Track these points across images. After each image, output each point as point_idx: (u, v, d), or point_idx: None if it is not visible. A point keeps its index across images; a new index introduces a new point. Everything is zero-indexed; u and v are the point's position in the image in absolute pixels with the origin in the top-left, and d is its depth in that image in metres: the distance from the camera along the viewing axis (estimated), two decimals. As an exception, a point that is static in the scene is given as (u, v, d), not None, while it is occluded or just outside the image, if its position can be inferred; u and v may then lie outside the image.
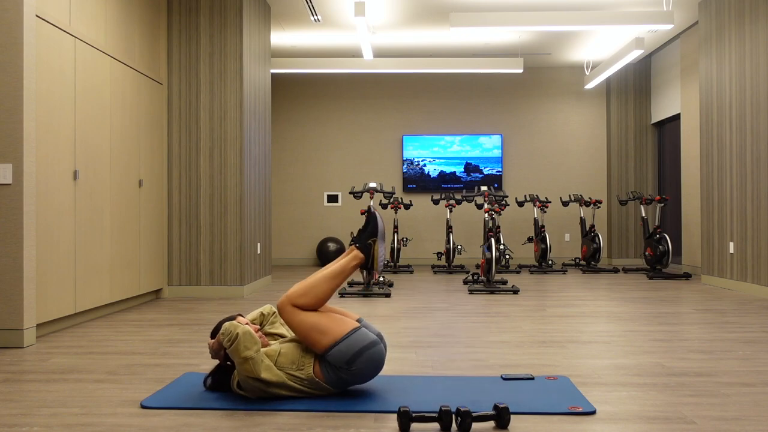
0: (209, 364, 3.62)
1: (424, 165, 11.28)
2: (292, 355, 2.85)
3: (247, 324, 2.97)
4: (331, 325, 2.83)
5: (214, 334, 3.02)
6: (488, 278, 7.14)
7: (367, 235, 3.03)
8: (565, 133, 11.38)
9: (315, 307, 2.88)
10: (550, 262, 9.99)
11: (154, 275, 6.45)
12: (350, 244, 3.06)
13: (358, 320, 2.96)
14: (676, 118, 10.31)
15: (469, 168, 11.27)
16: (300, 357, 2.85)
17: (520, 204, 9.86)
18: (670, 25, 7.43)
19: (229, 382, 2.95)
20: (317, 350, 2.83)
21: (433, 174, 11.27)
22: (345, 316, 2.98)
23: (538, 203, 9.99)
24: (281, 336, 3.14)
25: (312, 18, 8.53)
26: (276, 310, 3.20)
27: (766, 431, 2.45)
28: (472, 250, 11.36)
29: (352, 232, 2.83)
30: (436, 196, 11.19)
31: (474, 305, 6.00)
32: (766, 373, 3.36)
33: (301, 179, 11.42)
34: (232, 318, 3.03)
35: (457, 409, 2.43)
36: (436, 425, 2.51)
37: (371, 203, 6.37)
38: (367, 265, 3.03)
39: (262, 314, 3.18)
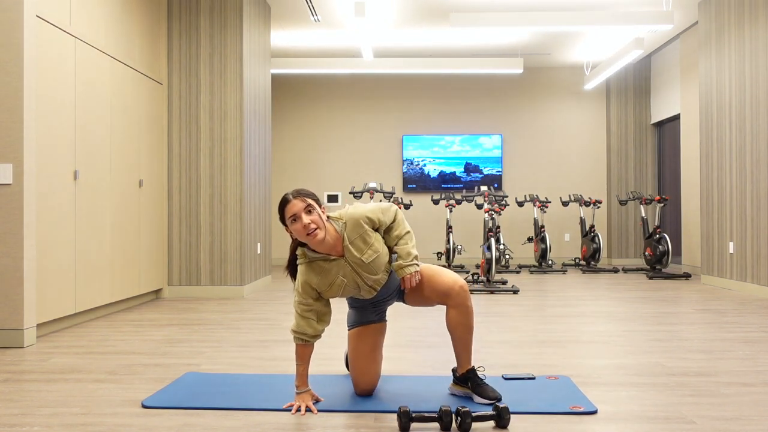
0: (209, 364, 3.62)
1: (424, 165, 11.28)
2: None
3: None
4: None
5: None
6: (488, 278, 7.14)
7: None
8: (564, 133, 11.38)
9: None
10: (550, 262, 9.99)
11: (154, 275, 6.45)
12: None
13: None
14: (676, 118, 10.31)
15: (469, 168, 11.27)
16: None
17: (520, 204, 9.86)
18: (670, 26, 7.43)
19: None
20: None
21: (433, 174, 11.27)
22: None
23: (538, 203, 9.98)
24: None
25: (312, 18, 8.53)
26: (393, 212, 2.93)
27: (766, 431, 2.45)
28: (472, 250, 11.36)
29: None
30: (436, 196, 11.19)
31: (474, 305, 6.00)
32: (766, 373, 3.37)
33: (301, 179, 11.42)
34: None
35: (457, 409, 2.43)
36: (436, 425, 2.51)
37: None
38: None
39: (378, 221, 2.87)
